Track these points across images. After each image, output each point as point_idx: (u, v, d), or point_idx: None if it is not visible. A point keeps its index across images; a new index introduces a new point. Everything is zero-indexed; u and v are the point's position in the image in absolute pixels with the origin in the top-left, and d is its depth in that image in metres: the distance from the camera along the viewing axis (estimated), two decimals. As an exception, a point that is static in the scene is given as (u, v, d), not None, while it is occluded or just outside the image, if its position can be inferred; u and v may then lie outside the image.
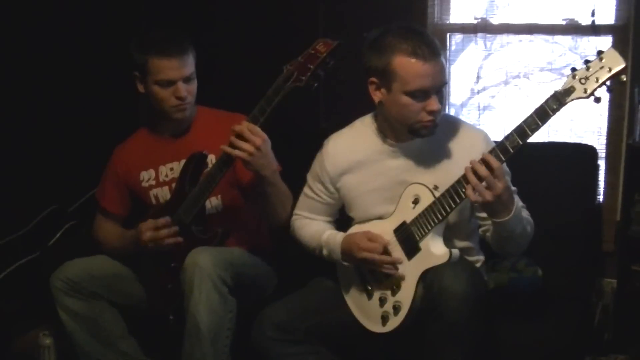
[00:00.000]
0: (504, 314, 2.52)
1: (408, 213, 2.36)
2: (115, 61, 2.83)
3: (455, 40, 3.50)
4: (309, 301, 2.55)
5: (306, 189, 2.64)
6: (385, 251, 2.38)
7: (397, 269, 2.36)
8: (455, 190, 2.23)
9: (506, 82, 3.45)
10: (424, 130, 2.34)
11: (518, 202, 2.32)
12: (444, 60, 2.32)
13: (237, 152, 2.43)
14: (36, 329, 3.03)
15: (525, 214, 2.38)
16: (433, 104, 2.28)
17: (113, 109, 3.36)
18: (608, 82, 2.07)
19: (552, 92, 2.12)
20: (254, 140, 2.42)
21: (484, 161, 2.17)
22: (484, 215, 2.39)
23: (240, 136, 2.43)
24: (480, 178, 2.16)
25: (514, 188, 2.37)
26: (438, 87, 2.30)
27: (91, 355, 2.74)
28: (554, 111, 2.11)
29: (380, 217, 2.46)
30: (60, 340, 2.91)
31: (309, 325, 2.47)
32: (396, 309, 2.35)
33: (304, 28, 3.37)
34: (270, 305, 2.50)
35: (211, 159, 2.64)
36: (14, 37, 3.37)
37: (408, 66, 2.25)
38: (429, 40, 2.27)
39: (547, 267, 2.76)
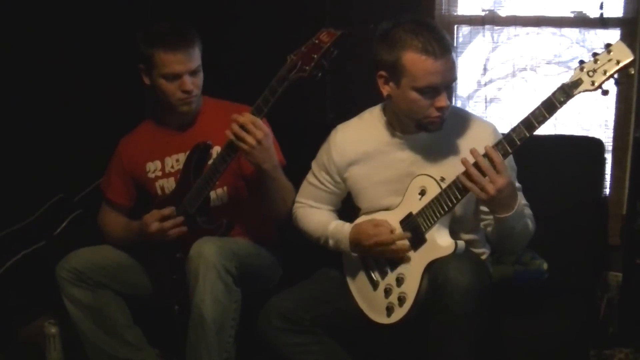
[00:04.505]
0: (508, 306, 2.52)
1: (414, 204, 2.36)
2: (123, 52, 2.83)
3: (462, 32, 3.49)
4: (315, 291, 2.55)
5: (311, 177, 2.63)
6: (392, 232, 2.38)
7: (405, 249, 2.36)
8: (461, 182, 2.23)
9: (513, 75, 3.43)
10: (431, 126, 2.34)
11: (521, 199, 2.31)
12: (454, 57, 2.31)
13: (239, 143, 2.43)
14: (41, 318, 3.05)
15: (527, 211, 2.37)
16: (442, 100, 2.28)
17: (119, 99, 3.36)
18: (616, 75, 2.07)
19: (559, 85, 2.11)
20: (255, 133, 2.42)
21: (486, 155, 2.16)
22: (485, 209, 2.38)
23: (242, 128, 2.43)
24: (482, 171, 2.16)
25: (518, 185, 2.37)
26: (448, 84, 2.30)
27: (96, 345, 2.75)
28: (562, 103, 2.10)
29: (387, 209, 2.46)
30: (65, 329, 2.92)
31: (314, 315, 2.47)
32: (401, 300, 2.35)
33: (312, 18, 3.36)
34: (277, 295, 2.50)
35: (216, 149, 2.64)
36: (21, 28, 3.37)
37: (418, 63, 2.24)
38: (441, 37, 2.25)
39: (552, 260, 2.76)
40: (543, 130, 2.17)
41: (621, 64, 2.05)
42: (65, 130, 3.43)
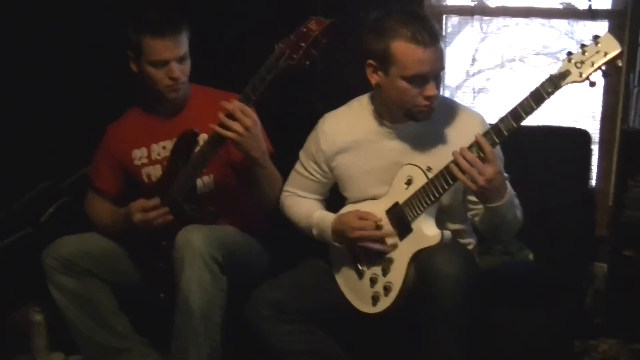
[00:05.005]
0: (496, 298, 2.52)
1: (401, 194, 2.36)
2: (111, 38, 2.81)
3: (451, 22, 3.49)
4: (302, 281, 2.56)
5: (298, 167, 2.64)
6: (377, 228, 2.39)
7: (389, 247, 2.37)
8: (449, 171, 2.23)
9: (502, 65, 3.44)
10: (420, 115, 2.35)
11: (510, 188, 2.32)
12: (443, 46, 2.31)
13: (227, 132, 2.43)
14: (27, 305, 3.03)
15: (516, 201, 2.37)
16: (430, 89, 2.28)
17: (106, 85, 3.34)
18: (604, 67, 2.07)
19: (547, 76, 2.12)
20: (244, 121, 2.41)
21: (476, 143, 2.17)
22: (474, 199, 2.39)
23: (230, 116, 2.42)
24: (470, 164, 2.16)
25: (506, 175, 2.37)
26: (436, 73, 2.30)
27: (83, 333, 2.75)
28: (549, 94, 2.11)
29: (373, 198, 2.46)
30: (51, 317, 2.91)
31: (302, 304, 2.48)
32: (387, 289, 2.36)
33: (304, 7, 3.34)
34: (265, 284, 2.51)
35: (203, 137, 2.63)
36: (5, 12, 3.34)
37: (407, 51, 2.24)
38: (430, 26, 2.26)
39: (539, 251, 2.76)
40: (530, 121, 2.17)
41: (609, 56, 2.06)
42: (52, 116, 3.41)
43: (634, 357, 2.88)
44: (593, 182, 3.25)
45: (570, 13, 3.29)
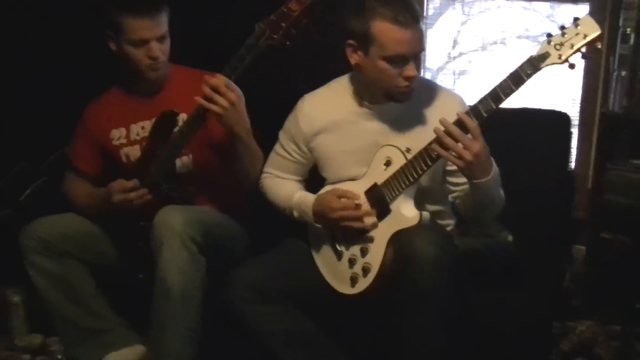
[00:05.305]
0: (475, 280, 2.53)
1: (380, 175, 2.36)
2: (90, 17, 2.79)
3: (433, 4, 3.49)
4: (281, 262, 2.55)
5: (278, 148, 2.63)
6: (357, 207, 2.38)
7: (369, 226, 2.37)
8: (428, 152, 2.23)
9: (483, 48, 3.44)
10: (400, 96, 2.34)
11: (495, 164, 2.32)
12: (423, 27, 2.31)
13: (211, 106, 2.42)
14: (5, 286, 3.02)
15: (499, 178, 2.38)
16: (410, 70, 2.28)
17: (85, 65, 3.31)
18: (583, 49, 2.08)
19: (527, 57, 2.12)
20: (229, 96, 2.40)
21: (459, 121, 2.16)
22: (455, 180, 2.39)
23: (215, 90, 2.41)
24: (455, 139, 2.16)
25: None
26: (416, 54, 2.30)
27: (61, 314, 2.73)
28: (528, 76, 2.11)
29: (352, 179, 2.46)
30: (29, 298, 2.90)
31: (280, 286, 2.47)
32: (365, 270, 2.36)
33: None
34: (242, 265, 2.50)
35: (182, 117, 2.61)
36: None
37: (387, 32, 2.24)
38: (410, 6, 2.26)
39: (518, 233, 2.77)
40: (510, 103, 2.18)
41: (588, 38, 2.06)
42: (30, 96, 3.38)
43: (611, 338, 2.91)
44: (572, 165, 3.26)
45: (551, -5, 3.30)
